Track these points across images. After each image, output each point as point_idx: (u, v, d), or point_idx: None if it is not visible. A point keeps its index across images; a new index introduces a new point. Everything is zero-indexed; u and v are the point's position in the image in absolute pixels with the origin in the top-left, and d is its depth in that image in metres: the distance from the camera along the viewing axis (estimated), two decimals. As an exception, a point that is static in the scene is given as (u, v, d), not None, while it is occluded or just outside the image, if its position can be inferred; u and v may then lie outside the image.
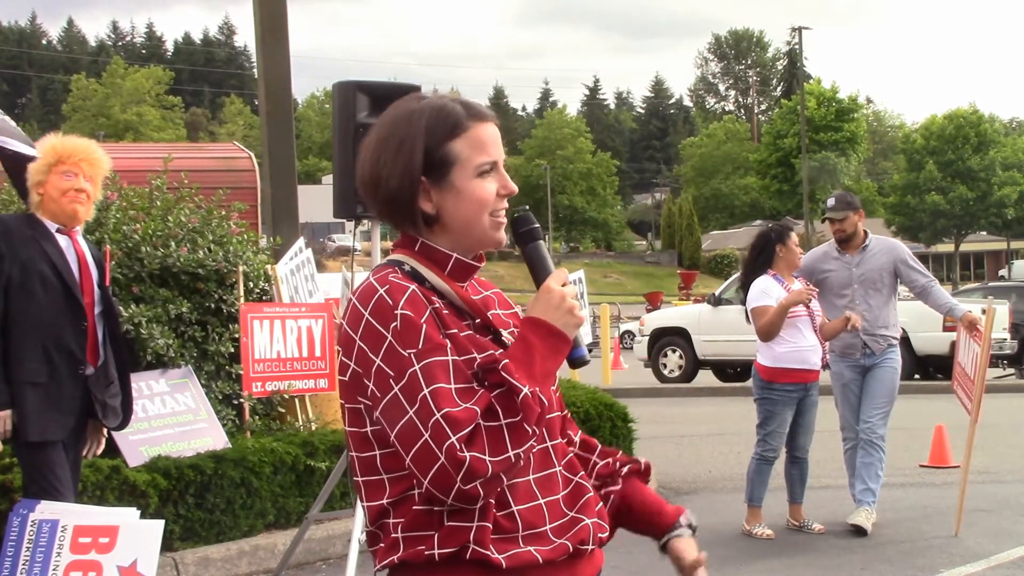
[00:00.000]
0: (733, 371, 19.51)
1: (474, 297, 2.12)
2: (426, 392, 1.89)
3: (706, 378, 19.76)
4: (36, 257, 4.71)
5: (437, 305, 2.00)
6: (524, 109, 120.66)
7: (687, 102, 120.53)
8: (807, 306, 7.08)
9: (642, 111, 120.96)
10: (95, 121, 75.66)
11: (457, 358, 1.95)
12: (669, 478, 9.22)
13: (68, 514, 4.67)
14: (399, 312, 1.94)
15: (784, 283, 7.16)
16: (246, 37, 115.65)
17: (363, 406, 2.00)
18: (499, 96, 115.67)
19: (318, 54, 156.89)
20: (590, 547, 2.09)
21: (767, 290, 7.09)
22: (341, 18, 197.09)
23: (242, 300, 7.28)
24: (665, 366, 19.85)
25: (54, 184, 4.78)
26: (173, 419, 6.70)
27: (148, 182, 7.64)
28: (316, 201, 36.95)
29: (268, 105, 10.67)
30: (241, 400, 7.21)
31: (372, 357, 1.94)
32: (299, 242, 8.34)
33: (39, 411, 4.66)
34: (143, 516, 5.17)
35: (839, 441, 7.67)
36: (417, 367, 1.91)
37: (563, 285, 2.05)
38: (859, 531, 7.08)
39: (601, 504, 2.17)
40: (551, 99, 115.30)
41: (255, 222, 10.45)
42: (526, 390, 1.92)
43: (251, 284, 7.59)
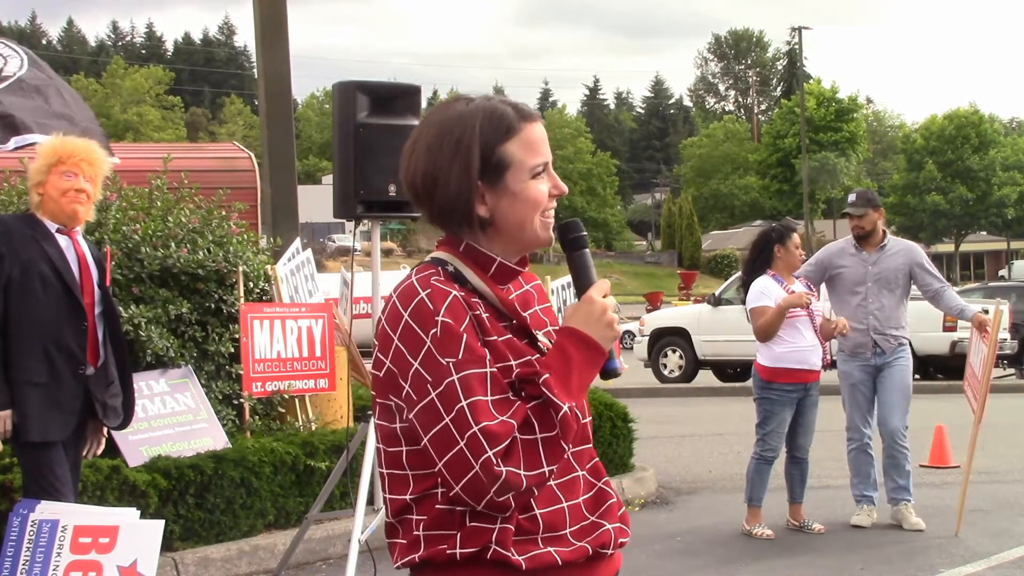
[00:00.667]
0: (733, 371, 19.50)
1: (515, 292, 2.12)
2: (464, 404, 1.89)
3: (706, 378, 19.75)
4: (36, 257, 4.72)
5: (477, 311, 1.98)
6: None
7: (687, 102, 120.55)
8: (806, 306, 7.08)
9: (642, 111, 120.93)
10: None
11: (495, 369, 1.94)
12: (669, 478, 9.22)
13: (68, 514, 4.67)
14: (440, 319, 1.93)
15: (784, 284, 7.15)
16: (246, 37, 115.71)
17: (394, 403, 2.00)
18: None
19: (318, 54, 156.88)
20: (610, 551, 2.10)
21: (766, 290, 7.08)
22: (341, 18, 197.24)
23: (242, 300, 7.28)
24: (665, 366, 19.85)
25: (54, 184, 4.78)
26: (173, 419, 6.70)
27: (148, 182, 7.64)
28: (316, 201, 36.96)
29: (268, 105, 10.68)
30: (241, 400, 7.21)
31: (410, 360, 1.94)
32: (296, 243, 8.34)
33: (39, 411, 4.66)
34: (143, 516, 5.17)
35: (839, 441, 7.67)
36: (455, 377, 1.90)
37: (604, 297, 2.06)
38: (917, 528, 7.15)
39: (624, 509, 2.17)
40: (551, 99, 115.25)
41: (255, 222, 10.45)
42: (565, 407, 1.93)
43: (251, 284, 7.59)
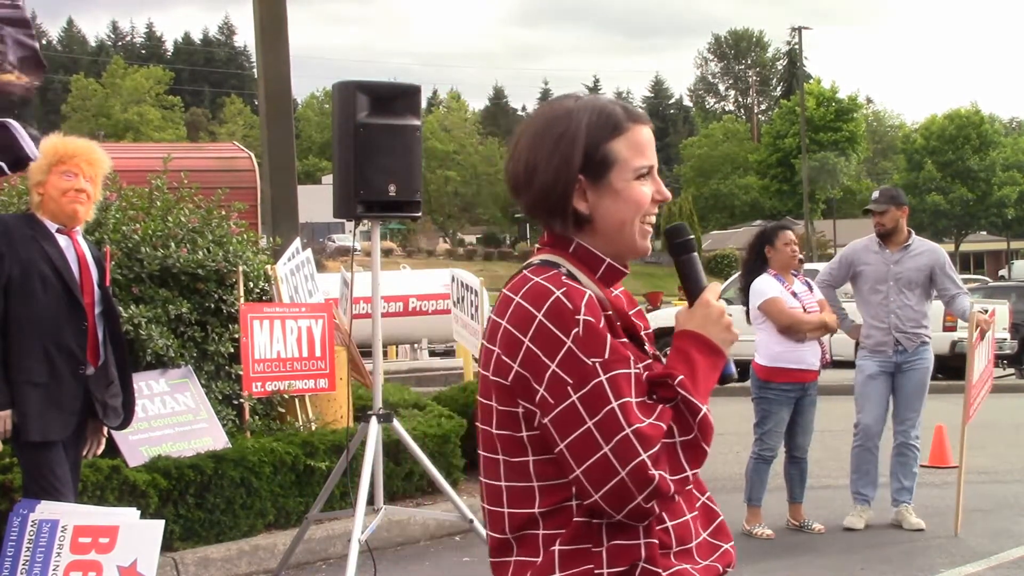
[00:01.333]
0: (733, 371, 19.50)
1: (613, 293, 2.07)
2: (614, 405, 1.83)
3: (706, 378, 19.73)
4: (36, 257, 4.72)
5: (609, 313, 1.93)
6: (524, 109, 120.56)
7: (687, 102, 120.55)
8: (803, 305, 7.10)
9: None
10: (95, 121, 75.61)
11: (639, 370, 1.89)
12: (669, 478, 9.21)
13: (68, 514, 4.67)
14: (581, 318, 1.86)
15: (784, 282, 7.17)
16: (246, 37, 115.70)
17: (523, 410, 1.90)
18: (499, 96, 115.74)
19: (317, 54, 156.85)
20: (728, 573, 2.05)
21: (767, 287, 7.10)
22: (341, 18, 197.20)
23: (242, 300, 7.28)
24: (665, 366, 19.85)
25: (54, 184, 4.78)
26: (173, 419, 6.70)
27: (148, 182, 7.64)
28: (316, 201, 36.95)
29: (268, 105, 10.68)
30: (241, 400, 7.21)
31: (546, 362, 1.85)
32: (296, 243, 8.34)
33: (40, 411, 4.66)
34: (143, 516, 5.18)
35: (839, 441, 7.68)
36: (603, 378, 1.84)
37: (717, 299, 2.03)
38: (917, 528, 7.18)
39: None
40: (551, 99, 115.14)
41: (255, 222, 10.45)
42: (705, 409, 1.89)
43: (251, 284, 7.59)
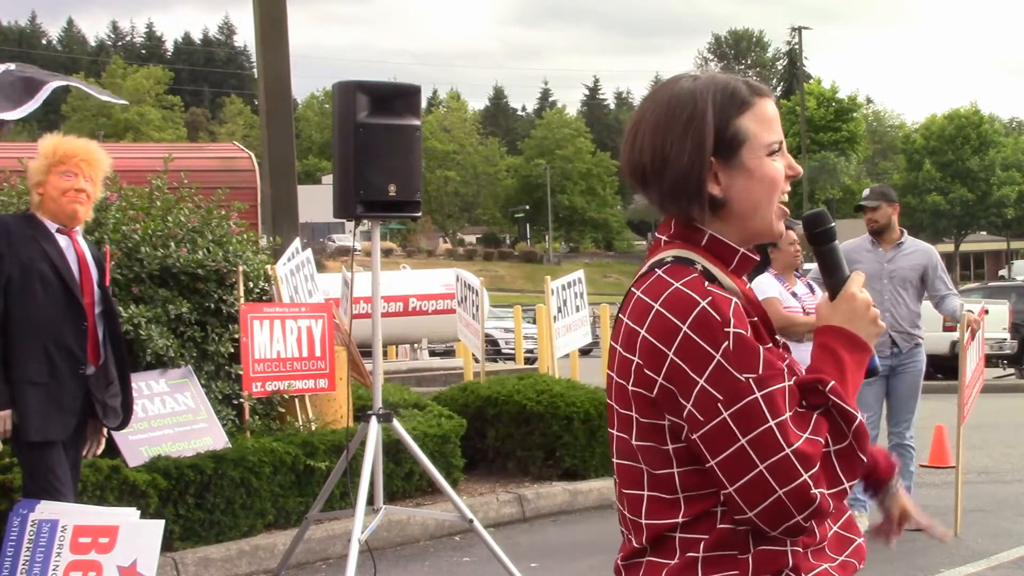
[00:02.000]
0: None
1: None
2: (772, 424, 1.72)
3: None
4: (36, 257, 4.72)
5: (754, 318, 1.83)
6: (524, 109, 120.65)
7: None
8: (803, 307, 7.09)
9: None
10: (95, 121, 75.62)
11: (792, 382, 1.79)
12: (669, 478, 9.22)
13: (68, 514, 4.67)
14: (731, 331, 1.75)
15: (784, 282, 7.16)
16: (246, 37, 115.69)
17: (668, 423, 1.81)
18: (499, 96, 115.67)
19: (317, 54, 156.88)
20: (861, 567, 1.96)
21: (766, 286, 7.10)
22: (340, 18, 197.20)
23: (242, 300, 7.28)
24: (665, 366, 19.84)
25: (54, 184, 4.78)
26: (173, 419, 6.70)
27: (148, 182, 7.64)
28: (316, 201, 37.02)
29: (268, 105, 10.68)
30: (241, 400, 7.21)
31: (693, 377, 1.75)
32: (296, 242, 8.35)
33: (40, 411, 4.66)
34: (143, 516, 5.17)
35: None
36: (758, 395, 1.73)
37: (861, 290, 1.91)
38: (917, 528, 7.13)
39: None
40: (551, 99, 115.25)
41: (255, 222, 10.45)
42: (860, 416, 1.80)
43: (251, 284, 7.59)
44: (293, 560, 6.25)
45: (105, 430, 5.03)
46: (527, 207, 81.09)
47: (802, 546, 1.82)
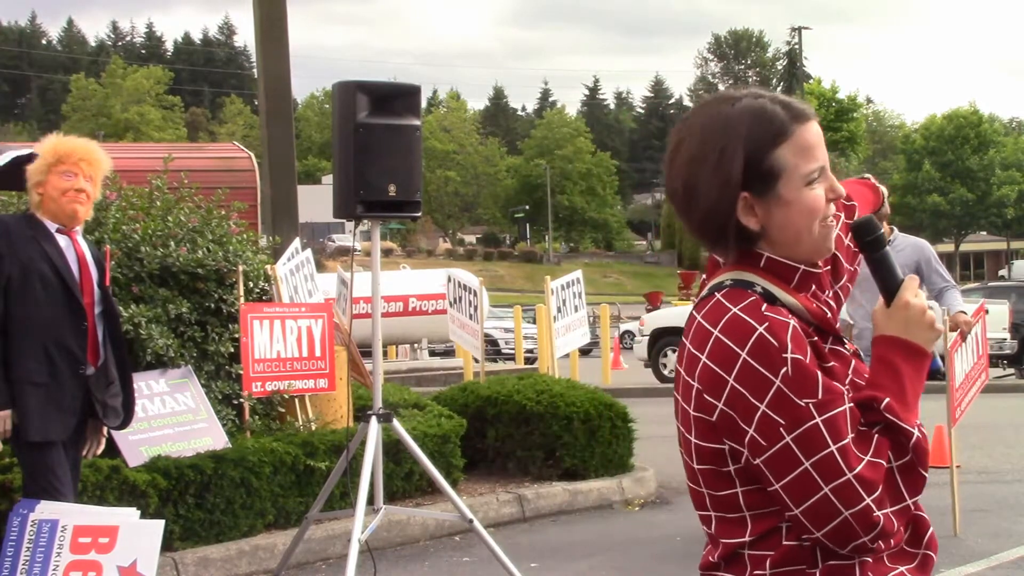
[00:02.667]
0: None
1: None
2: (833, 449, 1.74)
3: (706, 378, 19.72)
4: (36, 257, 4.72)
5: (814, 338, 1.83)
6: (524, 109, 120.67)
7: (687, 102, 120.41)
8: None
9: (642, 111, 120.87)
10: (95, 121, 75.65)
11: (852, 404, 1.80)
12: (669, 478, 9.21)
13: (68, 514, 4.67)
14: (789, 356, 1.75)
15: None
16: (246, 37, 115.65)
17: (729, 448, 1.83)
18: (499, 96, 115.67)
19: (317, 54, 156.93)
20: (936, 556, 1.97)
21: None
22: (340, 17, 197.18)
23: (242, 300, 7.28)
24: (665, 366, 19.85)
25: (54, 184, 4.78)
26: (173, 419, 6.70)
27: (148, 182, 7.64)
28: (316, 201, 37.01)
29: (268, 105, 10.69)
30: (241, 400, 7.21)
31: (754, 403, 1.77)
32: (296, 242, 8.35)
33: (40, 411, 4.66)
34: (143, 516, 5.17)
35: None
36: (819, 420, 1.75)
37: (916, 295, 1.89)
38: None
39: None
40: (551, 99, 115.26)
41: (255, 222, 10.46)
42: (917, 433, 1.80)
43: (251, 284, 7.59)
44: (293, 560, 6.25)
45: (105, 430, 5.03)
46: (527, 207, 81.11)
47: (873, 556, 1.83)
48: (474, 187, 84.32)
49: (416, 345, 20.65)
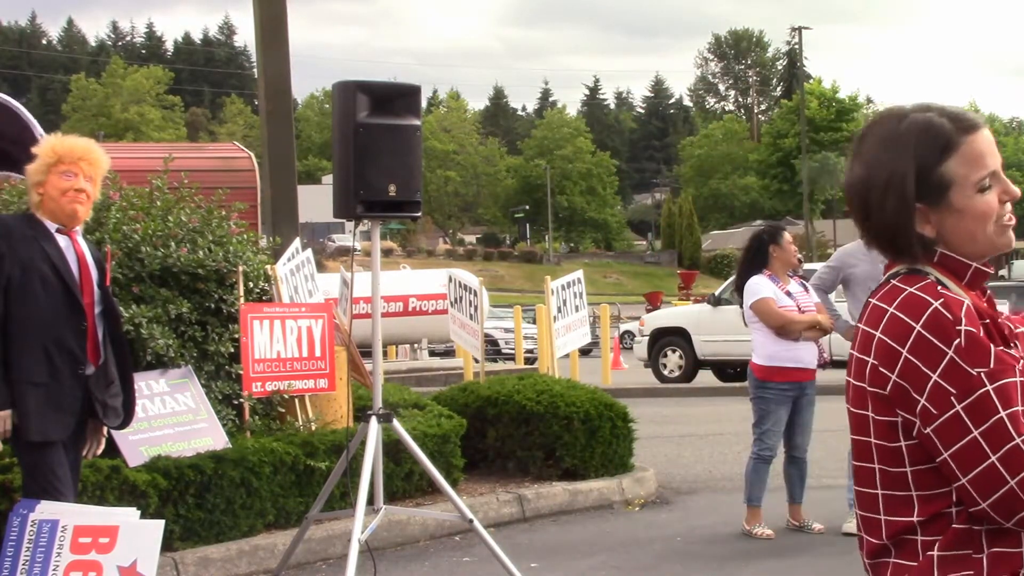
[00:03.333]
0: (733, 371, 19.50)
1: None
2: (1003, 415, 1.81)
3: (706, 378, 19.75)
4: (36, 257, 4.72)
5: (987, 320, 1.90)
6: (524, 109, 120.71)
7: (687, 102, 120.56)
8: (799, 305, 7.10)
9: (642, 111, 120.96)
10: (95, 121, 75.66)
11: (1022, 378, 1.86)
12: (669, 478, 9.22)
13: (68, 514, 4.67)
14: (963, 328, 1.84)
15: (779, 282, 7.18)
16: (246, 37, 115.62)
17: (901, 420, 1.90)
18: (499, 96, 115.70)
19: (317, 53, 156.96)
20: None
21: (760, 286, 7.11)
22: (341, 18, 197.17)
23: (242, 300, 7.28)
24: (665, 366, 19.86)
25: (53, 184, 4.78)
26: (173, 419, 6.70)
27: (148, 182, 7.64)
28: (316, 201, 37.01)
29: (268, 105, 10.68)
30: (241, 400, 7.21)
31: (927, 372, 1.84)
32: (296, 242, 8.35)
33: (40, 411, 4.66)
34: (143, 516, 5.17)
35: (839, 441, 7.67)
36: (990, 387, 1.82)
37: None
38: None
39: None
40: (551, 99, 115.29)
41: (255, 222, 10.46)
42: None
43: (251, 284, 7.59)
44: (293, 560, 6.25)
45: (105, 430, 5.03)
46: (527, 207, 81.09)
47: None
48: (474, 187, 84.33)
49: (416, 345, 20.66)
